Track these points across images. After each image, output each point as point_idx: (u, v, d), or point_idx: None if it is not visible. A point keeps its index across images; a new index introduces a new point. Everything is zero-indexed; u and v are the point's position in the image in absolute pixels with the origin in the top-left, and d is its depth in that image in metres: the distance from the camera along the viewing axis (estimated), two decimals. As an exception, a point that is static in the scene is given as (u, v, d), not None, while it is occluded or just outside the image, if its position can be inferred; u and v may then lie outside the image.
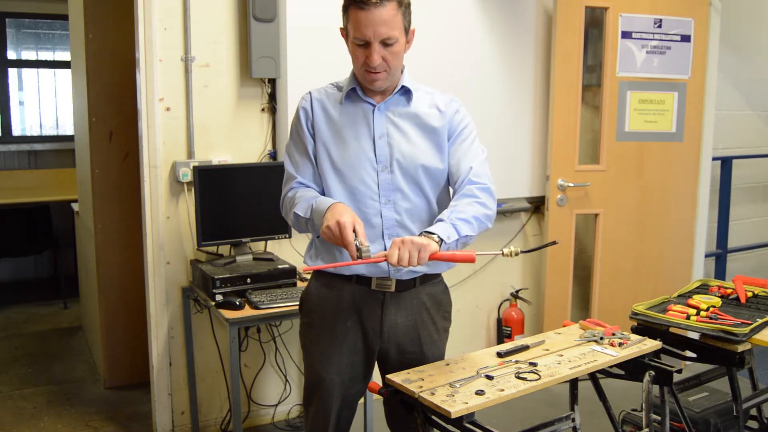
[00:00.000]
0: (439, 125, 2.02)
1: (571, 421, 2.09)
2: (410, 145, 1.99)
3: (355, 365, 2.05)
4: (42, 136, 6.31)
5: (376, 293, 2.01)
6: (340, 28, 1.97)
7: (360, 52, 1.90)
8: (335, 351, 2.03)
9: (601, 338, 2.11)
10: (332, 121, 2.00)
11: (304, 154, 2.02)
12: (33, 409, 3.58)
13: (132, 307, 3.72)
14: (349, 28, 1.91)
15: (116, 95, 3.65)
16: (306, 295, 2.13)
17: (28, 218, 5.31)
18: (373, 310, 2.02)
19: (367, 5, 1.83)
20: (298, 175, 2.03)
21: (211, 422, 3.33)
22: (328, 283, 2.05)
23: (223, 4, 3.12)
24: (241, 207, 3.05)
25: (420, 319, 2.06)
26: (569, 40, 3.75)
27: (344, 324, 2.03)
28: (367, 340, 2.05)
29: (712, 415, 2.42)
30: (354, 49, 1.92)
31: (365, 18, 1.84)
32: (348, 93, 2.01)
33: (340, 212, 1.80)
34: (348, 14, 1.89)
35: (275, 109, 3.26)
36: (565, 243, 3.90)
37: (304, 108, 2.04)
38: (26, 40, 6.35)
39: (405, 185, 1.98)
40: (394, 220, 1.98)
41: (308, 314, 2.11)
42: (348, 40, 1.94)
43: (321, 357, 2.04)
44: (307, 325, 2.12)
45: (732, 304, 2.49)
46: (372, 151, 1.97)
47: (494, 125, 3.69)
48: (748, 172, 4.99)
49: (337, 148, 1.99)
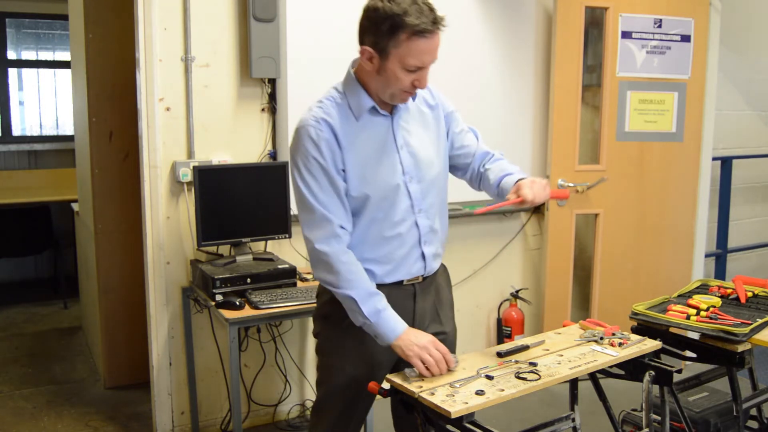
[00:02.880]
0: (435, 118, 2.05)
1: (571, 421, 2.09)
2: (424, 147, 1.99)
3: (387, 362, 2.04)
4: (42, 136, 6.31)
5: (407, 287, 2.02)
6: (366, 50, 1.83)
7: (406, 76, 1.82)
8: (368, 355, 2.00)
9: (601, 338, 2.11)
10: (355, 144, 1.90)
11: (333, 192, 1.88)
12: (33, 409, 3.58)
13: (132, 307, 3.72)
14: (396, 54, 1.79)
15: (116, 95, 3.65)
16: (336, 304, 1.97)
17: (28, 218, 5.31)
18: (405, 305, 2.01)
19: (430, 33, 1.76)
20: (335, 218, 1.87)
21: (211, 422, 3.33)
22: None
23: (223, 4, 3.12)
24: (241, 207, 3.05)
25: (438, 299, 2.11)
26: (569, 40, 3.75)
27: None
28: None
29: (712, 415, 2.42)
30: (399, 73, 1.81)
31: (427, 46, 1.78)
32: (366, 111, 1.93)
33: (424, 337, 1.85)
34: (397, 40, 1.77)
35: (275, 109, 3.26)
36: (565, 243, 3.90)
37: (327, 140, 1.86)
38: (26, 40, 6.35)
39: (430, 189, 2.00)
40: (429, 227, 2.01)
41: (343, 320, 1.96)
42: (384, 63, 1.81)
43: (354, 362, 2.00)
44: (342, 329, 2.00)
45: (732, 304, 2.49)
46: (399, 163, 1.94)
47: (494, 125, 3.69)
48: (748, 172, 5.00)
49: (368, 170, 1.90)
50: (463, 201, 3.66)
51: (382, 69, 1.83)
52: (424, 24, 1.75)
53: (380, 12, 1.77)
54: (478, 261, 3.91)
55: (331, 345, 2.05)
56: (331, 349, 2.06)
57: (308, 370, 3.52)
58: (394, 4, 1.76)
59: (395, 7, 1.75)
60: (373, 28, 1.79)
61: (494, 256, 3.95)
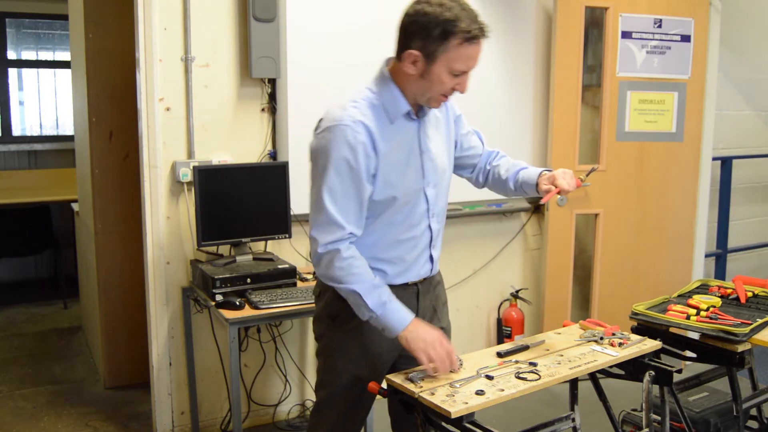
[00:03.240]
0: (447, 124, 2.08)
1: (571, 421, 2.09)
2: (439, 152, 2.02)
3: (391, 362, 2.06)
4: (42, 136, 6.31)
5: (411, 287, 2.04)
6: (413, 53, 1.82)
7: (449, 79, 1.84)
8: (376, 354, 2.02)
9: (601, 338, 2.11)
10: (388, 148, 1.89)
11: (356, 197, 1.86)
12: (33, 409, 3.58)
13: (132, 307, 3.72)
14: (444, 58, 1.80)
15: (116, 95, 3.65)
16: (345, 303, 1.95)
17: (28, 218, 5.31)
18: (410, 304, 2.01)
19: (478, 40, 1.81)
20: (348, 225, 1.86)
21: (211, 422, 3.33)
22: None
23: (223, 4, 3.12)
24: (241, 207, 3.05)
25: (434, 296, 2.14)
26: (569, 40, 3.75)
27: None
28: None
29: (712, 415, 2.42)
30: (443, 77, 1.83)
31: (474, 52, 1.82)
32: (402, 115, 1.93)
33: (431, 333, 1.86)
34: (448, 45, 1.79)
35: (275, 109, 3.26)
36: (565, 243, 3.90)
37: (363, 144, 1.83)
38: (26, 40, 6.35)
39: (441, 193, 2.04)
40: (438, 230, 2.06)
41: (351, 320, 1.96)
42: (430, 67, 1.82)
43: (361, 363, 2.00)
44: (349, 330, 2.00)
45: (732, 304, 2.49)
46: (421, 168, 1.96)
47: (494, 125, 3.69)
48: (748, 172, 5.00)
49: (396, 174, 1.90)
50: (464, 201, 3.67)
51: (426, 73, 1.84)
52: (475, 31, 1.79)
53: (431, 17, 1.78)
54: (478, 261, 3.91)
55: (335, 345, 2.04)
56: (334, 349, 2.05)
57: (308, 370, 3.52)
58: (446, 9, 1.78)
59: (447, 13, 1.77)
60: (423, 32, 1.80)
61: (494, 256, 3.95)
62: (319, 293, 2.09)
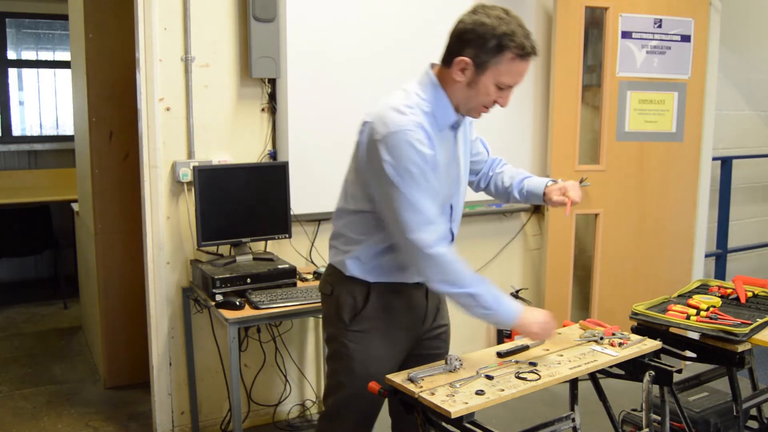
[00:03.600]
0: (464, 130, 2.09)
1: (571, 421, 2.09)
2: (464, 160, 2.08)
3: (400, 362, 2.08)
4: (42, 136, 6.31)
5: (422, 286, 2.07)
6: (464, 60, 1.85)
7: (495, 92, 1.89)
8: (391, 354, 2.04)
9: (601, 338, 2.11)
10: (436, 155, 1.91)
11: (431, 197, 1.89)
12: (33, 409, 3.58)
13: (132, 307, 3.72)
14: (495, 69, 1.84)
15: (116, 95, 3.65)
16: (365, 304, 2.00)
17: (28, 218, 5.31)
18: (420, 302, 2.10)
19: (530, 57, 1.85)
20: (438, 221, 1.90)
21: (211, 422, 3.33)
22: (390, 288, 2.02)
23: (223, 4, 3.12)
24: (241, 207, 3.05)
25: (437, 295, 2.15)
26: (569, 40, 3.75)
27: (400, 323, 2.05)
28: (412, 332, 2.10)
29: (712, 415, 2.42)
30: (490, 88, 1.87)
31: (523, 68, 1.87)
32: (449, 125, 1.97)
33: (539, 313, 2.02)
34: (501, 58, 1.82)
35: (275, 109, 3.26)
36: (565, 243, 3.90)
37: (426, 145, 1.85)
38: (26, 40, 6.35)
39: (462, 199, 2.10)
40: (455, 234, 2.10)
41: (366, 321, 2.00)
42: (479, 77, 1.85)
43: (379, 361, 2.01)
44: (364, 331, 2.01)
45: (732, 304, 2.49)
46: (456, 177, 2.03)
47: (494, 125, 3.68)
48: (748, 172, 5.00)
49: (438, 181, 1.93)
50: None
51: (474, 82, 1.87)
52: (529, 48, 1.83)
53: (488, 28, 1.81)
54: (478, 261, 3.91)
55: (353, 347, 2.02)
56: (352, 351, 2.02)
57: (308, 370, 3.52)
58: (503, 23, 1.81)
59: (504, 27, 1.81)
60: (479, 41, 1.82)
61: (494, 256, 3.95)
62: (330, 292, 2.06)
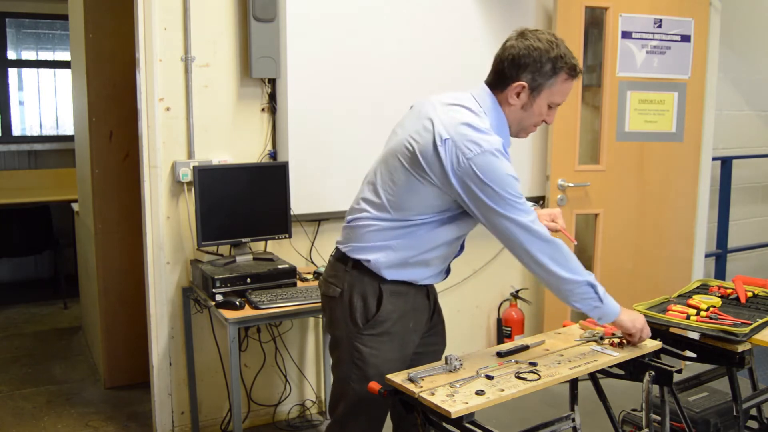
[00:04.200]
0: None
1: (571, 421, 2.09)
2: None
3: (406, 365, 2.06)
4: (42, 136, 6.31)
5: (424, 288, 2.11)
6: (521, 84, 1.93)
7: (546, 111, 1.98)
8: (404, 355, 2.06)
9: (601, 338, 2.11)
10: None
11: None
12: (33, 409, 3.58)
13: (132, 307, 3.72)
14: (549, 91, 1.93)
15: (116, 95, 3.65)
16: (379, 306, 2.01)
17: (28, 218, 5.31)
18: (424, 304, 2.13)
19: (579, 75, 1.96)
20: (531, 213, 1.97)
21: (211, 422, 3.33)
22: (398, 290, 2.03)
23: (223, 4, 3.12)
24: (241, 207, 3.05)
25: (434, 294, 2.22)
26: (569, 40, 3.71)
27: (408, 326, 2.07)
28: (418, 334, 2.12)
29: (712, 415, 2.42)
30: (544, 108, 1.97)
31: (572, 87, 1.98)
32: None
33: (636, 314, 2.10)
34: (556, 79, 1.92)
35: (275, 109, 3.26)
36: (565, 243, 3.89)
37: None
38: (26, 40, 6.35)
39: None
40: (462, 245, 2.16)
41: (380, 325, 2.01)
42: (535, 99, 1.94)
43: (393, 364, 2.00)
44: (378, 335, 2.01)
45: (732, 304, 2.49)
46: None
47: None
48: (748, 172, 5.00)
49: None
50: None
51: (528, 104, 1.96)
52: (579, 68, 1.96)
53: (543, 52, 1.91)
54: (478, 261, 3.91)
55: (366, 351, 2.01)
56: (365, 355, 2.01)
57: (308, 370, 3.52)
58: (554, 46, 1.92)
59: (556, 50, 1.91)
60: (535, 65, 1.91)
61: (494, 256, 3.95)
62: (339, 294, 2.03)
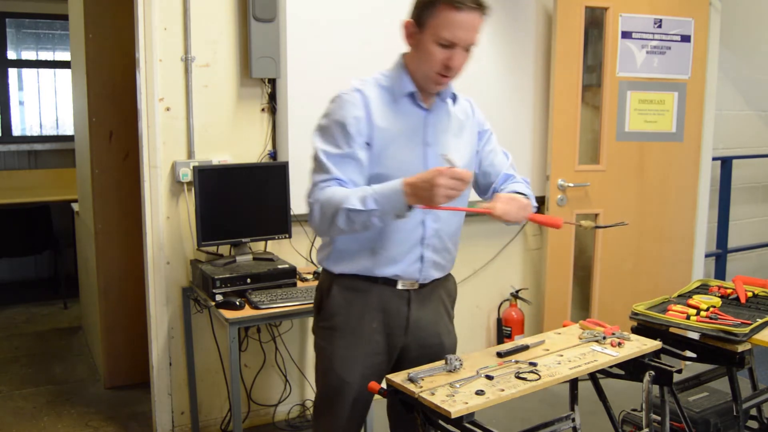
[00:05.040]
0: (471, 131, 2.07)
1: (571, 421, 2.09)
2: (455, 152, 1.95)
3: (379, 365, 2.03)
4: (42, 136, 6.32)
5: (402, 292, 2.01)
6: (408, 22, 1.87)
7: (440, 52, 1.83)
8: (360, 354, 2.00)
9: (602, 338, 2.11)
10: (385, 125, 1.90)
11: (349, 155, 1.87)
12: (33, 409, 3.58)
13: (132, 307, 3.72)
14: (431, 25, 1.81)
15: (116, 95, 3.65)
16: (326, 299, 2.03)
17: (28, 218, 5.31)
18: (399, 309, 2.01)
19: (464, 7, 1.78)
20: (337, 173, 1.85)
21: (211, 422, 3.33)
22: (353, 284, 2.00)
23: (223, 4, 3.12)
24: (241, 207, 3.05)
25: (438, 311, 2.10)
26: (569, 40, 3.75)
27: (370, 325, 2.00)
28: (391, 338, 2.02)
29: (712, 415, 2.42)
30: (432, 48, 1.83)
31: (461, 20, 1.79)
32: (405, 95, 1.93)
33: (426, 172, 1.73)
34: (435, 11, 1.80)
35: (275, 109, 3.26)
36: (565, 243, 3.90)
37: (357, 107, 1.88)
38: (26, 40, 6.35)
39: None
40: (434, 230, 1.98)
41: (330, 318, 2.02)
42: (421, 36, 1.84)
43: (345, 361, 2.00)
44: (329, 329, 2.03)
45: (732, 304, 2.49)
46: (422, 159, 1.94)
47: (494, 125, 3.67)
48: (748, 172, 5.00)
49: (388, 154, 1.90)
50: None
51: (419, 43, 1.86)
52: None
53: None
54: (478, 261, 3.91)
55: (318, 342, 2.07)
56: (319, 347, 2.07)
57: (308, 370, 3.52)
58: None
59: None
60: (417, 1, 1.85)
61: (494, 256, 3.95)
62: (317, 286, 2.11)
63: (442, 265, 2.07)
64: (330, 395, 2.04)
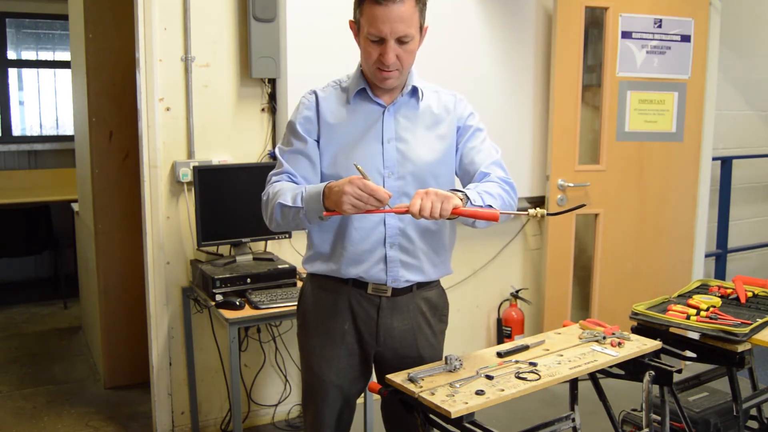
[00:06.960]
0: (448, 126, 1.98)
1: (571, 421, 2.09)
2: (420, 149, 1.92)
3: (354, 366, 2.03)
4: (42, 136, 6.31)
5: (372, 297, 1.96)
6: (350, 21, 1.89)
7: (373, 48, 1.81)
8: (334, 353, 2.00)
9: (602, 338, 2.11)
10: (338, 124, 1.91)
11: (299, 152, 1.92)
12: (33, 409, 3.58)
13: (132, 307, 3.72)
14: (362, 23, 1.82)
15: (116, 95, 3.65)
16: (301, 298, 2.09)
17: (28, 218, 5.31)
18: (368, 314, 1.97)
19: (386, 1, 1.75)
20: (288, 166, 1.92)
21: (211, 422, 3.33)
22: (324, 284, 2.00)
23: (223, 4, 3.13)
24: (241, 207, 3.05)
25: (416, 323, 2.01)
26: (569, 40, 3.75)
27: (341, 326, 1.99)
28: (362, 343, 2.00)
29: (712, 415, 2.42)
30: (367, 45, 1.82)
31: (383, 14, 1.76)
32: (357, 93, 1.93)
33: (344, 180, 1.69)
34: (362, 8, 1.80)
35: (275, 109, 3.27)
36: (565, 243, 3.90)
37: (309, 108, 1.94)
38: (26, 40, 6.35)
39: (413, 192, 1.80)
40: (398, 229, 1.92)
41: (303, 316, 2.08)
42: (359, 35, 1.86)
43: (319, 359, 2.02)
44: (303, 326, 2.08)
45: (732, 304, 2.49)
46: (380, 155, 1.90)
47: (494, 125, 3.68)
48: (748, 172, 5.00)
49: (343, 152, 1.89)
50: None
51: (360, 42, 1.88)
52: None
53: None
54: (478, 261, 3.91)
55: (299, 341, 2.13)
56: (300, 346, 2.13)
57: (308, 370, 3.52)
58: None
59: None
60: (355, 1, 1.86)
61: (494, 256, 3.96)
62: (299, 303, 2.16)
63: (416, 267, 1.96)
64: (311, 392, 2.08)
